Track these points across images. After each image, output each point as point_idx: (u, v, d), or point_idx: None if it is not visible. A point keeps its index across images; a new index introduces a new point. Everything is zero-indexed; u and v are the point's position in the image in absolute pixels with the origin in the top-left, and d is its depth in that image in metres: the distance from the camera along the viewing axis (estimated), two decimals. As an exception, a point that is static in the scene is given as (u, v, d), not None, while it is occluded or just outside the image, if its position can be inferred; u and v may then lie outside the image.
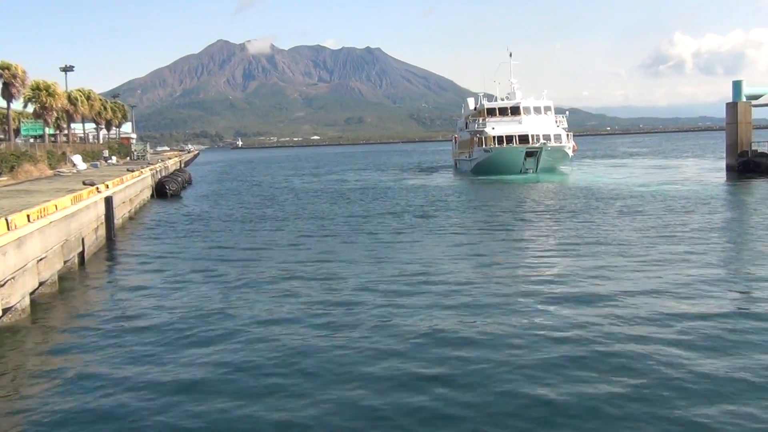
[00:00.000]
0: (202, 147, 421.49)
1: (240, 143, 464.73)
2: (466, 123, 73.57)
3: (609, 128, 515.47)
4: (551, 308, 13.96)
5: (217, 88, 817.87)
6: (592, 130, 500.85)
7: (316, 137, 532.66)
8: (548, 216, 30.02)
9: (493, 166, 60.89)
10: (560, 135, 62.96)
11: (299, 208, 38.13)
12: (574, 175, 60.39)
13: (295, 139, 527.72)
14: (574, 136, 66.69)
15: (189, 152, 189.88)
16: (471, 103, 72.76)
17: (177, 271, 19.56)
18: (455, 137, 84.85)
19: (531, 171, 59.56)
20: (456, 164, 79.12)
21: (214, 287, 17.03)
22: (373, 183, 58.94)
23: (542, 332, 12.41)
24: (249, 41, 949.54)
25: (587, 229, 25.17)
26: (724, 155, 55.06)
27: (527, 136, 61.67)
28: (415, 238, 24.56)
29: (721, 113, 54.05)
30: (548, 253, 20.32)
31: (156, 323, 13.87)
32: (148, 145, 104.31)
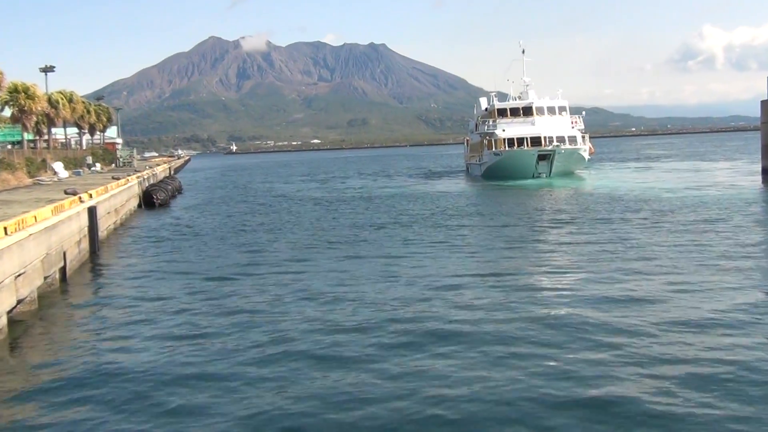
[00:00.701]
0: (194, 152, 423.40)
1: (234, 148, 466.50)
2: (476, 125, 74.11)
3: (634, 129, 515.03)
4: (573, 342, 13.26)
5: (209, 89, 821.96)
6: (616, 131, 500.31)
7: (316, 141, 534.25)
8: (562, 227, 29.58)
9: (504, 171, 61.28)
10: (575, 137, 63.39)
11: (298, 218, 38.20)
12: (591, 180, 60.56)
13: (294, 143, 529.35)
14: (595, 137, 67.38)
15: (179, 158, 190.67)
16: (483, 102, 73.34)
17: (165, 289, 19.59)
18: (467, 140, 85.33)
19: (544, 175, 59.98)
20: (468, 169, 79.57)
21: (206, 308, 16.92)
22: (377, 190, 59.04)
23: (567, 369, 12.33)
24: (243, 38, 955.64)
25: (605, 243, 24.56)
26: (760, 157, 54.94)
27: (540, 138, 62.05)
28: (420, 252, 24.22)
29: (756, 112, 54.03)
30: (562, 275, 19.50)
31: (141, 347, 13.84)
32: (134, 151, 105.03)
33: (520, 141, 62.45)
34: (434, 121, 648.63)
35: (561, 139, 61.97)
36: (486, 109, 71.47)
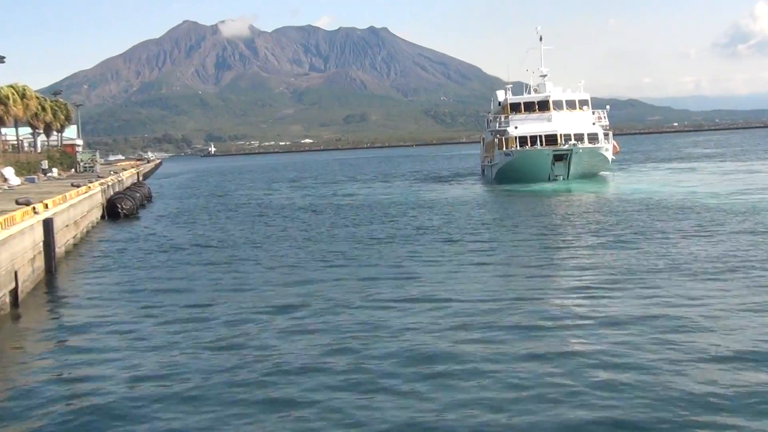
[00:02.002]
0: (166, 155, 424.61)
1: (213, 149, 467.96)
2: (488, 121, 74.81)
3: (676, 124, 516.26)
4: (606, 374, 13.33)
5: (183, 81, 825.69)
6: (655, 126, 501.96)
7: (308, 140, 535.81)
8: (579, 241, 29.35)
9: (517, 173, 62.10)
10: (596, 134, 64.09)
11: (285, 230, 38.29)
12: (616, 184, 61.03)
13: (282, 143, 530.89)
14: (630, 134, 68.38)
15: (149, 161, 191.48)
16: (501, 95, 74.23)
17: (132, 315, 19.56)
18: (482, 138, 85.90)
19: (561, 178, 60.81)
20: (483, 171, 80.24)
21: (176, 338, 16.82)
22: (376, 197, 59.17)
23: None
24: (223, 22, 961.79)
25: (633, 262, 24.08)
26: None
27: (555, 135, 62.89)
28: (421, 274, 23.83)
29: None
30: (584, 300, 19.15)
31: (101, 387, 13.60)
32: (97, 154, 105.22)
33: (534, 139, 63.30)
34: (444, 116, 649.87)
35: (579, 137, 62.61)
36: (500, 103, 72.15)
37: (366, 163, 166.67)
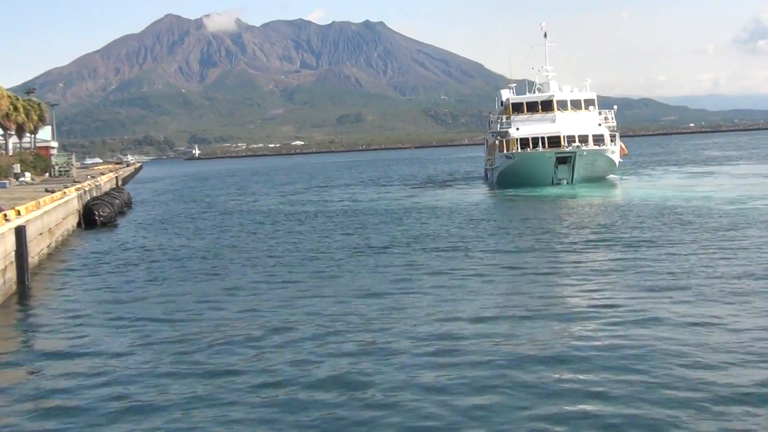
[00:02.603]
0: (147, 158, 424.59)
1: (197, 152, 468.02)
2: (489, 122, 75.66)
3: (692, 124, 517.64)
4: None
5: (165, 79, 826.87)
6: (670, 127, 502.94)
7: (299, 142, 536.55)
8: (583, 253, 29.16)
9: (518, 177, 63.29)
10: (602, 135, 65.04)
11: (274, 239, 38.34)
12: (625, 188, 61.47)
13: (272, 145, 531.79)
14: (642, 135, 69.39)
15: (128, 165, 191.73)
16: (506, 94, 74.99)
17: (109, 331, 19.56)
18: (486, 139, 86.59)
19: (565, 182, 61.95)
20: (486, 174, 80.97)
21: (160, 360, 16.69)
22: (371, 203, 59.25)
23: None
24: (208, 15, 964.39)
25: (641, 273, 24.04)
26: None
27: (558, 137, 63.86)
28: (414, 288, 23.67)
29: None
30: (591, 319, 18.88)
31: (72, 423, 13.26)
32: (73, 157, 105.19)
33: (536, 141, 64.16)
34: (445, 116, 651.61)
35: (584, 139, 63.60)
36: (502, 103, 72.98)
37: (361, 166, 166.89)
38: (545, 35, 74.68)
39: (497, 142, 68.09)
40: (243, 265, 29.94)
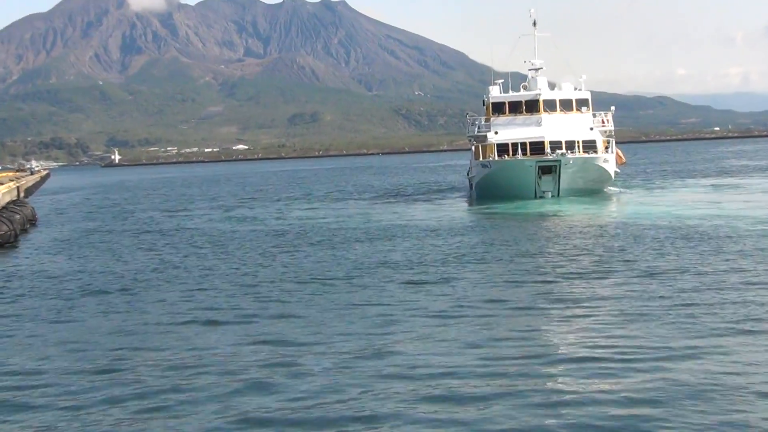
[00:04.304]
0: (55, 164, 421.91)
1: (117, 157, 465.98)
2: (468, 124, 76.84)
3: (717, 128, 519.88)
4: None
5: (78, 69, 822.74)
6: (691, 131, 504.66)
7: (242, 146, 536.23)
8: (579, 287, 28.60)
9: (496, 189, 64.80)
10: (594, 141, 66.46)
11: (206, 266, 38.44)
12: (621, 203, 62.58)
13: (209, 149, 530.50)
14: (657, 141, 70.50)
15: (33, 173, 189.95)
16: (495, 91, 75.22)
17: (8, 384, 19.39)
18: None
19: (550, 195, 63.13)
20: (470, 184, 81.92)
21: (73, 418, 16.57)
22: (326, 222, 59.29)
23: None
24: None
25: (645, 310, 24.13)
26: None
27: (542, 143, 65.05)
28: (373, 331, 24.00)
29: None
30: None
31: None
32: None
33: (516, 147, 65.23)
34: (419, 116, 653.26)
35: (571, 145, 64.62)
36: (482, 102, 74.21)
37: (317, 176, 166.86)
38: (534, 24, 76.21)
39: (473, 147, 69.81)
40: (163, 297, 30.00)
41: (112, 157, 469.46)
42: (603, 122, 70.51)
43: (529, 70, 74.55)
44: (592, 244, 40.04)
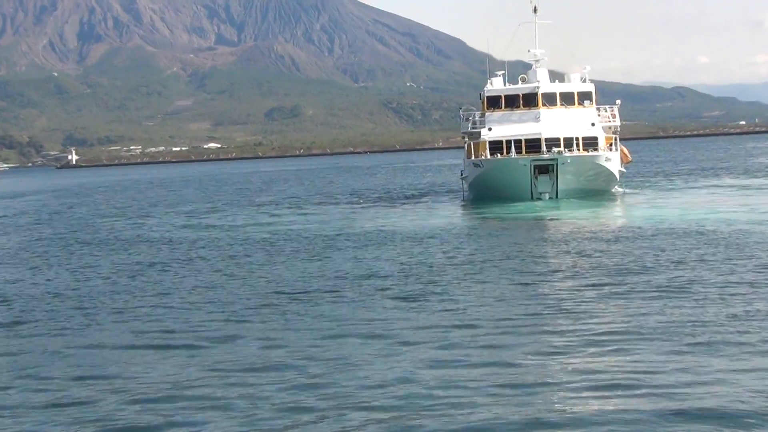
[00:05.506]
0: (4, 165, 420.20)
1: (74, 158, 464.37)
2: (462, 119, 77.45)
3: (743, 122, 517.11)
4: None
5: (30, 59, 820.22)
6: (714, 126, 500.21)
7: (214, 145, 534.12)
8: (581, 309, 28.00)
9: (490, 190, 65.88)
10: (595, 138, 66.96)
11: (171, 280, 38.67)
12: (626, 205, 63.46)
13: (177, 148, 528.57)
14: (676, 136, 70.69)
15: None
16: (498, 83, 76.22)
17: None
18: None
19: (547, 196, 63.97)
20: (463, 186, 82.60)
21: None
22: (305, 229, 59.23)
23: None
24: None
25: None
26: None
27: (538, 140, 65.72)
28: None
29: None
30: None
31: None
32: None
33: (510, 145, 66.11)
34: (412, 110, 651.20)
35: (569, 142, 65.23)
36: (480, 95, 74.67)
37: (297, 178, 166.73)
38: (535, 10, 76.54)
39: (466, 145, 70.80)
40: (121, 314, 30.23)
41: (69, 157, 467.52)
42: (610, 117, 71.16)
43: (530, 61, 75.17)
44: (580, 251, 40.38)
